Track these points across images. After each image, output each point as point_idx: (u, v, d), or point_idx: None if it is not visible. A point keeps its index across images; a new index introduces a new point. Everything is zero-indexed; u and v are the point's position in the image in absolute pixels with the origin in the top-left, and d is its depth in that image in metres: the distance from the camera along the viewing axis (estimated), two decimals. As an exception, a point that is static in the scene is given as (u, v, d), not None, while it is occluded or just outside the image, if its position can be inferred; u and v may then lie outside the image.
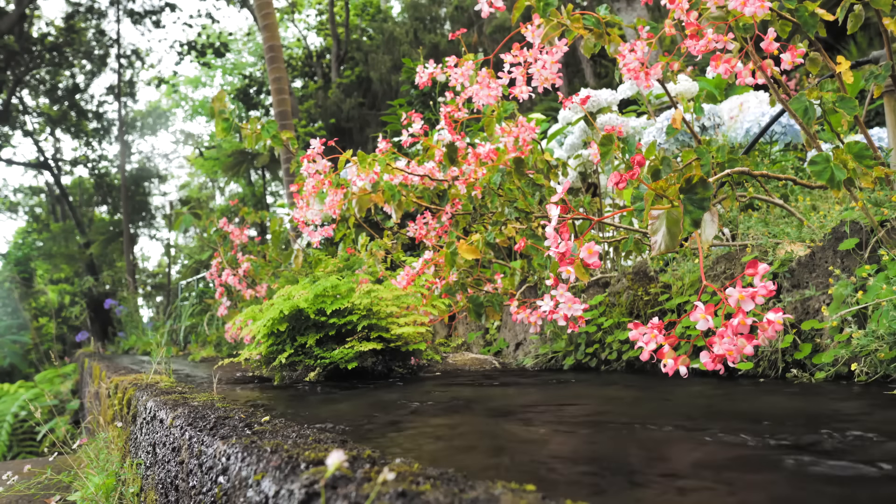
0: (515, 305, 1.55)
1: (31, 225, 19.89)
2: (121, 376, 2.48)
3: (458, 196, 2.35)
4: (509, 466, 0.83)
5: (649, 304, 2.07)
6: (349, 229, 2.66)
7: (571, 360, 2.22)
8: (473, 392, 1.68)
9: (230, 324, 2.97)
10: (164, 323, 6.86)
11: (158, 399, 1.53)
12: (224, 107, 2.53)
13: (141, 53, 17.58)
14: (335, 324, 2.12)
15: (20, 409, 6.83)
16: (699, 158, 1.54)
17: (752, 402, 1.30)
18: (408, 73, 6.30)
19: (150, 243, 41.14)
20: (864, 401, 1.20)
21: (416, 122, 2.30)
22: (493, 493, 0.58)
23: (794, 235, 1.82)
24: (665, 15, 9.30)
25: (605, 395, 1.54)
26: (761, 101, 3.04)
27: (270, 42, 6.94)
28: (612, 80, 9.14)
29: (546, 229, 1.18)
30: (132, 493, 1.60)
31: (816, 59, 1.69)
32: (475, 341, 3.02)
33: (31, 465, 2.40)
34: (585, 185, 3.19)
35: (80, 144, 18.17)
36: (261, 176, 17.06)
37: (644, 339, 1.11)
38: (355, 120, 14.35)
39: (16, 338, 11.57)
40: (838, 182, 1.40)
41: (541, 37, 1.76)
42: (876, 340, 1.35)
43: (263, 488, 0.75)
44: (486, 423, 1.17)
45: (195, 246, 12.94)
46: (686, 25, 1.60)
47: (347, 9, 16.63)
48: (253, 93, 17.74)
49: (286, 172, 6.74)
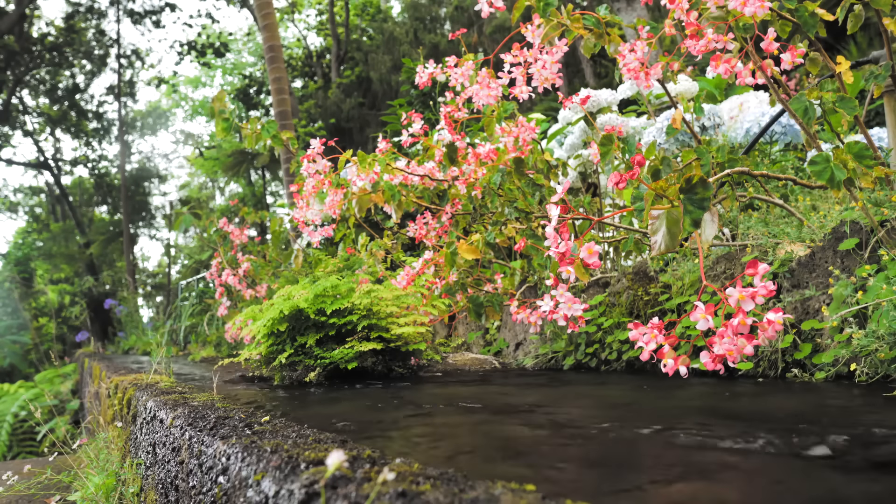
0: (515, 305, 1.55)
1: (31, 225, 19.89)
2: (121, 376, 2.48)
3: (458, 196, 2.34)
4: (509, 466, 0.83)
5: (649, 304, 2.07)
6: (349, 229, 2.66)
7: (571, 360, 2.22)
8: (473, 392, 1.67)
9: (230, 324, 2.97)
10: (164, 323, 6.86)
11: (158, 399, 1.53)
12: (224, 107, 2.53)
13: (141, 53, 17.59)
14: (335, 324, 2.12)
15: (20, 409, 6.84)
16: (699, 158, 1.54)
17: (753, 402, 1.30)
18: (408, 73, 6.30)
19: (150, 243, 41.17)
20: (864, 401, 1.20)
21: (416, 122, 2.30)
22: (493, 493, 0.58)
23: (794, 235, 1.82)
24: (665, 15, 9.30)
25: (605, 395, 1.54)
26: (761, 101, 3.04)
27: (270, 42, 6.95)
28: (612, 80, 9.14)
29: (546, 229, 1.18)
30: (132, 493, 1.60)
31: (816, 59, 1.69)
32: (475, 341, 3.02)
33: (31, 465, 2.40)
34: (585, 185, 3.19)
35: (80, 144, 18.18)
36: (261, 176, 17.06)
37: (644, 339, 1.11)
38: (355, 120, 14.35)
39: (16, 338, 11.57)
40: (838, 182, 1.40)
41: (541, 37, 1.76)
42: (876, 340, 1.35)
43: (263, 488, 0.75)
44: (486, 423, 1.17)
45: (195, 246, 12.94)
46: (686, 25, 1.60)
47: (347, 9, 16.63)
48: (253, 93, 17.74)
49: (286, 172, 6.74)
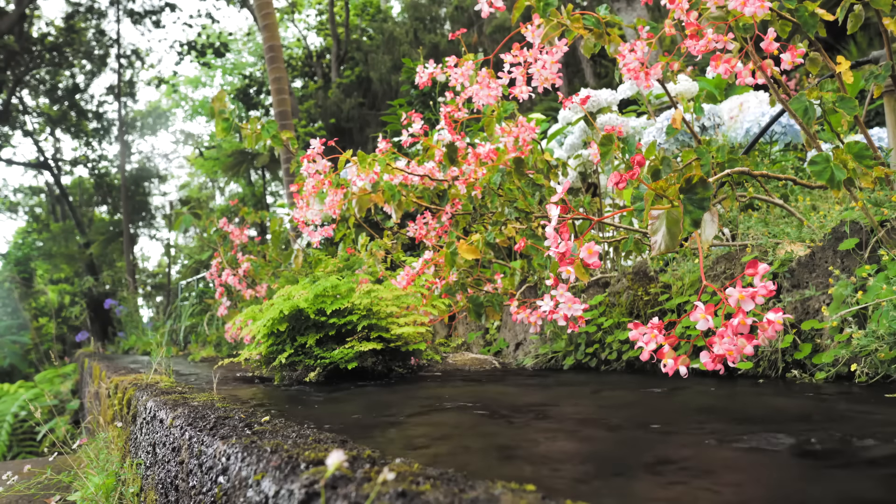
0: (515, 305, 1.55)
1: (31, 225, 19.89)
2: (121, 376, 2.48)
3: (458, 196, 2.34)
4: (509, 466, 0.83)
5: (649, 304, 2.07)
6: (349, 229, 2.66)
7: (571, 360, 2.22)
8: (473, 392, 1.67)
9: (230, 324, 2.97)
10: (164, 323, 6.86)
11: (158, 399, 1.53)
12: (224, 107, 2.53)
13: (141, 53, 17.59)
14: (335, 324, 2.12)
15: (20, 409, 6.84)
16: (699, 158, 1.54)
17: (753, 402, 1.30)
18: (408, 73, 6.29)
19: (150, 243, 41.16)
20: (864, 401, 1.20)
21: (416, 122, 2.30)
22: (493, 493, 0.58)
23: (794, 235, 1.82)
24: (665, 15, 9.30)
25: (604, 394, 1.54)
26: (761, 101, 3.04)
27: (270, 42, 6.95)
28: (612, 80, 9.14)
29: (546, 229, 1.18)
30: (132, 493, 1.60)
31: (816, 59, 1.69)
32: (475, 341, 3.02)
33: (31, 465, 2.40)
34: (585, 185, 3.19)
35: (80, 144, 18.18)
36: (261, 176, 17.06)
37: (644, 339, 1.11)
38: (355, 120, 14.35)
39: (16, 338, 11.57)
40: (838, 182, 1.40)
41: (541, 37, 1.76)
42: (876, 340, 1.35)
43: (263, 488, 0.75)
44: (486, 423, 1.17)
45: (195, 246, 12.93)
46: (686, 25, 1.60)
47: (347, 9, 16.63)
48: (253, 93, 17.74)
49: (286, 172, 6.74)
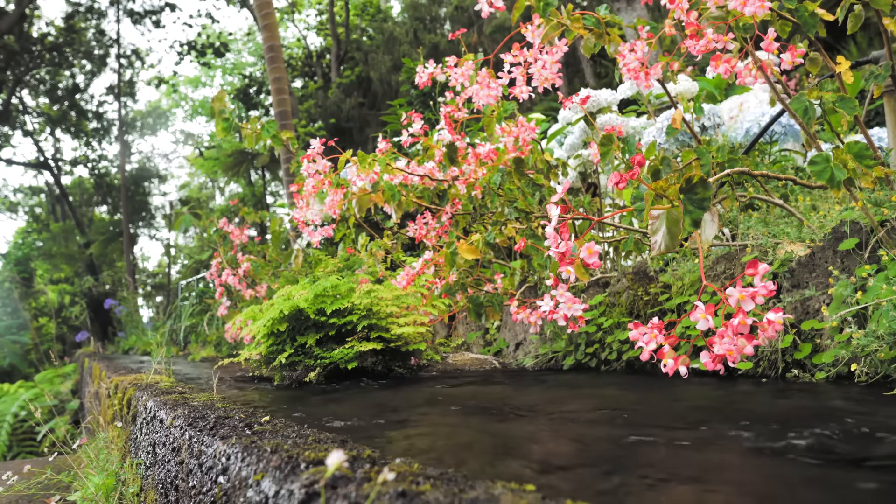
0: (515, 305, 1.55)
1: (31, 225, 19.89)
2: (121, 376, 2.48)
3: (458, 196, 2.34)
4: (509, 466, 0.83)
5: (649, 304, 2.07)
6: (349, 229, 2.66)
7: (571, 360, 2.22)
8: (473, 392, 1.67)
9: (230, 324, 2.97)
10: (164, 323, 6.86)
11: (158, 399, 1.53)
12: (224, 107, 2.53)
13: (141, 53, 17.59)
14: (335, 324, 2.12)
15: (20, 409, 6.84)
16: (699, 158, 1.54)
17: (753, 402, 1.30)
18: (408, 73, 6.29)
19: (150, 243, 41.18)
20: (864, 401, 1.20)
21: (416, 122, 2.30)
22: (493, 493, 0.58)
23: (794, 235, 1.82)
24: (665, 15, 9.30)
25: (604, 395, 1.54)
26: (761, 101, 3.04)
27: (270, 42, 6.95)
28: (612, 80, 9.14)
29: (546, 229, 1.18)
30: (132, 493, 1.60)
31: (816, 59, 1.69)
32: (475, 341, 3.02)
33: (31, 465, 2.40)
34: (585, 185, 3.19)
35: (80, 144, 18.18)
36: (261, 176, 17.06)
37: (644, 339, 1.11)
38: (355, 120, 14.35)
39: (16, 338, 11.57)
40: (838, 182, 1.39)
41: (541, 37, 1.76)
42: (876, 341, 1.35)
43: (263, 488, 0.75)
44: (486, 423, 1.17)
45: (195, 246, 12.94)
46: (686, 25, 1.60)
47: (347, 9, 16.63)
48: (253, 93, 17.74)
49: (286, 172, 6.74)
